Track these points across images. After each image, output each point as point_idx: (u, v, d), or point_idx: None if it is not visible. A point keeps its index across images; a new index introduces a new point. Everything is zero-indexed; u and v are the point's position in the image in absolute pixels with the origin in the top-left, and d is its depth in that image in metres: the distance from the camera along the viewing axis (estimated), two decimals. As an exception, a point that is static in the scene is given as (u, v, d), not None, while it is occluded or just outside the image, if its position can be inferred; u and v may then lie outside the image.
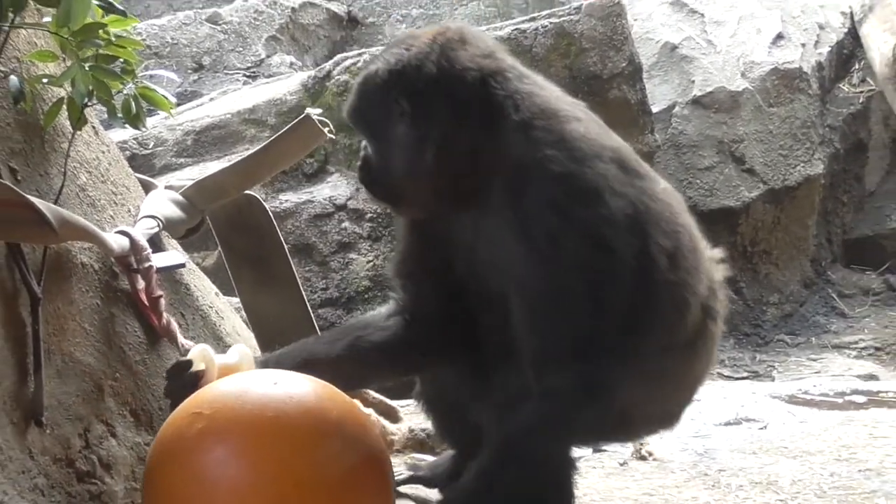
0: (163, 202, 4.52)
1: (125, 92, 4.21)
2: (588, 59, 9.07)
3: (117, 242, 4.07)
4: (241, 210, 4.69)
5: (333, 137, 4.61)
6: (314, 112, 4.72)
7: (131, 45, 4.15)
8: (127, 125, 4.27)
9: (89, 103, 4.11)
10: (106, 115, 4.36)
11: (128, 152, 8.13)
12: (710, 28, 11.15)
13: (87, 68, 3.98)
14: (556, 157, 3.77)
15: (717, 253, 4.32)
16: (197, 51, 10.14)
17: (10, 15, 3.89)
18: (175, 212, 4.44)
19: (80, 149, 4.20)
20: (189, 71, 10.05)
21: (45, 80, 4.04)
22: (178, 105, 7.00)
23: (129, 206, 4.39)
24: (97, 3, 4.03)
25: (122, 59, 4.13)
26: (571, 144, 3.83)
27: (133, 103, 4.20)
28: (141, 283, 4.17)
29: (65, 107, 4.06)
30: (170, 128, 8.38)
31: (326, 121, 4.55)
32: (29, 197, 3.66)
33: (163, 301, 4.15)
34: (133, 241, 4.12)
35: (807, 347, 10.06)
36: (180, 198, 4.52)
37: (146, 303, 4.17)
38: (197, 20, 10.08)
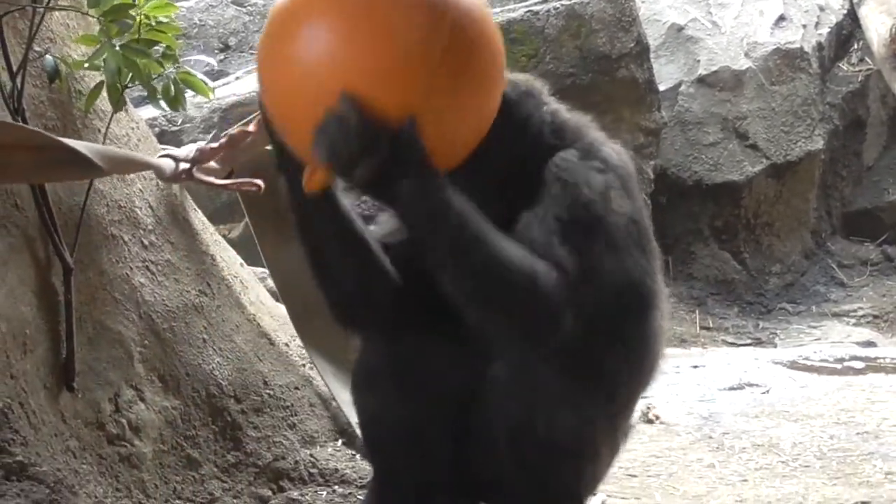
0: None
1: (166, 76, 4.20)
2: (598, 40, 9.07)
3: (166, 165, 4.09)
4: (265, 167, 4.65)
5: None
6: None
7: (171, 30, 4.14)
8: (168, 108, 4.28)
9: (129, 85, 4.10)
10: (137, 94, 4.36)
11: (157, 129, 8.13)
12: (714, 10, 11.14)
13: (117, 48, 3.97)
14: (608, 145, 3.75)
15: None
16: (223, 32, 10.14)
17: (45, -4, 3.89)
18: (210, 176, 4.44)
19: (111, 126, 4.19)
20: (216, 51, 10.05)
21: (85, 66, 4.04)
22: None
23: (157, 180, 4.38)
24: (130, -15, 4.03)
25: (164, 45, 4.13)
26: (614, 147, 3.81)
27: (173, 87, 4.20)
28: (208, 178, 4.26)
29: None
30: (197, 105, 8.36)
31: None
32: (62, 139, 3.68)
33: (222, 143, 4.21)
34: (173, 156, 4.19)
35: (807, 315, 10.07)
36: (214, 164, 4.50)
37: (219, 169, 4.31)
38: (223, 2, 10.06)
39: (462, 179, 3.50)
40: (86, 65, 4.05)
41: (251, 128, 4.22)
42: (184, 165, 4.20)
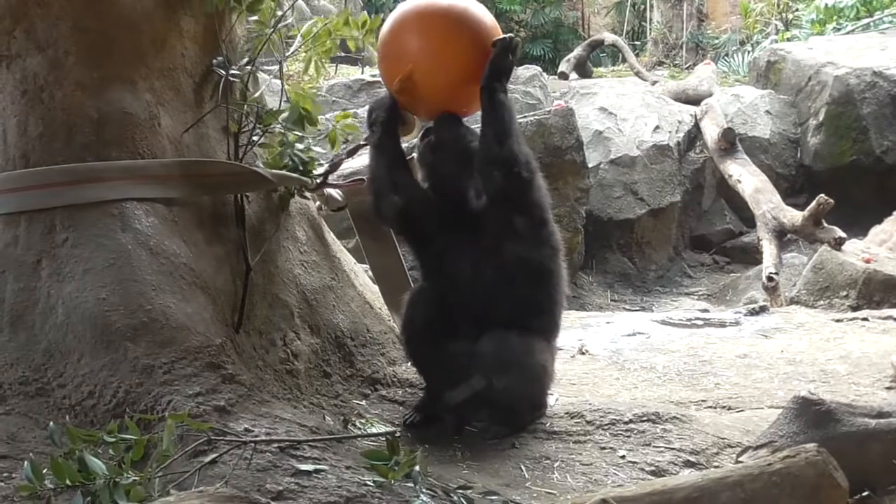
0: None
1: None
2: (555, 138, 9.02)
3: (308, 181, 4.09)
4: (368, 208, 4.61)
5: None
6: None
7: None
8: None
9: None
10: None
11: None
12: (619, 122, 11.07)
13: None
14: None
15: None
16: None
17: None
18: (335, 196, 4.36)
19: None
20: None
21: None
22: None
23: (308, 216, 4.35)
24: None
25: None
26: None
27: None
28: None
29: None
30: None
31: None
32: (251, 167, 3.83)
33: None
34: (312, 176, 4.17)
35: (670, 294, 10.02)
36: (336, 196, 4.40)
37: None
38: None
39: None
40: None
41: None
42: (318, 180, 4.15)
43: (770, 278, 8.34)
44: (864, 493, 3.02)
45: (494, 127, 3.59)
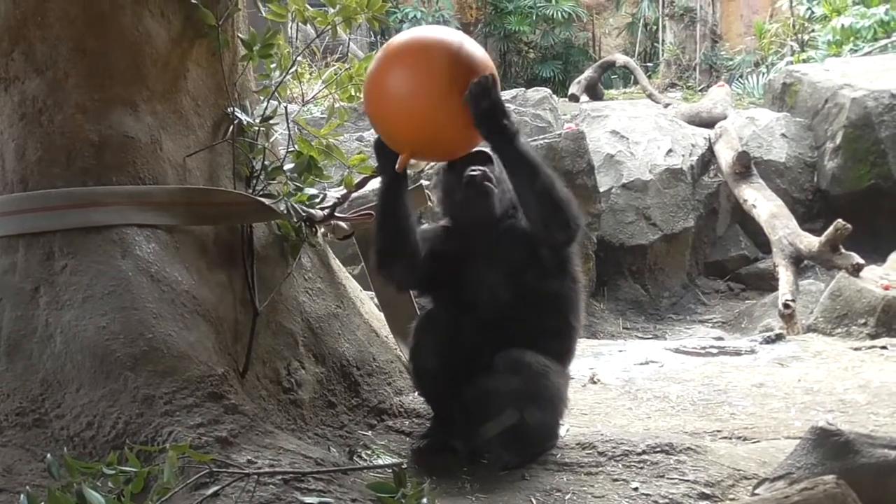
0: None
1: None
2: (565, 162, 9.08)
3: (317, 213, 4.12)
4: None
5: (432, 205, 4.53)
6: (425, 183, 4.71)
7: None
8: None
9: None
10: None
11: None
12: (631, 146, 11.11)
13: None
14: None
15: None
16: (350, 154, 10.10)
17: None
18: (341, 225, 4.35)
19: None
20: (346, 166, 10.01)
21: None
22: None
23: (315, 245, 4.36)
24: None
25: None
26: None
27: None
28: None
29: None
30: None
31: (430, 194, 4.50)
32: (255, 196, 3.84)
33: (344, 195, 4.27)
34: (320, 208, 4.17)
35: (684, 322, 10.02)
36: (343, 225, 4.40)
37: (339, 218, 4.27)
38: (350, 140, 9.94)
39: None
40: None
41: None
42: (327, 212, 4.16)
43: (786, 305, 8.33)
44: (885, 527, 3.01)
45: (532, 186, 3.56)
